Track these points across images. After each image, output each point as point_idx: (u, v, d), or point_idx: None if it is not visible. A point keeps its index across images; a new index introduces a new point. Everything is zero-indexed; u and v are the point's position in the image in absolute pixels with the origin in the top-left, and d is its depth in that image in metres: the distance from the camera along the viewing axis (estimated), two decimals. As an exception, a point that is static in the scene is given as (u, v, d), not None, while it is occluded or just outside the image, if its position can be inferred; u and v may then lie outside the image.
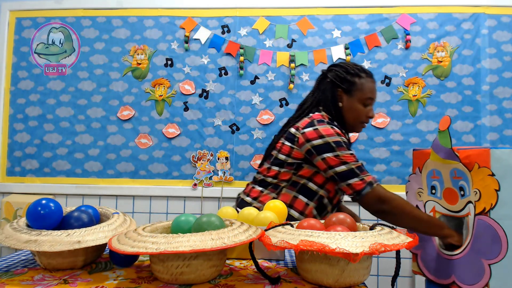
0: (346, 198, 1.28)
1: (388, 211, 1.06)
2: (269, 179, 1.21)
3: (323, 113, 1.22)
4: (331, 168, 1.10)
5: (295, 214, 1.17)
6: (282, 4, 2.12)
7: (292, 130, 1.19)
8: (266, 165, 1.25)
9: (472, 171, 0.97)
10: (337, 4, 2.11)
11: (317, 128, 1.13)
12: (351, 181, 1.08)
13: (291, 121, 1.27)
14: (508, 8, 2.04)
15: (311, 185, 1.18)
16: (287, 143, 1.19)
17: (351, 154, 1.11)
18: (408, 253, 1.79)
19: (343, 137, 1.13)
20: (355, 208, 1.87)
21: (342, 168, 1.08)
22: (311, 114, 1.21)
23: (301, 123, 1.19)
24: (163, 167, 2.11)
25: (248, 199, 1.23)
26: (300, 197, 1.17)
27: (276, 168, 1.20)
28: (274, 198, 1.18)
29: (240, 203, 1.25)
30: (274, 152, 1.23)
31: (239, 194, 1.32)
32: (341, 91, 1.23)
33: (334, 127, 1.15)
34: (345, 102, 1.23)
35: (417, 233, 1.05)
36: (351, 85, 1.22)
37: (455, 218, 1.06)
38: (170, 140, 2.12)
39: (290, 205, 1.17)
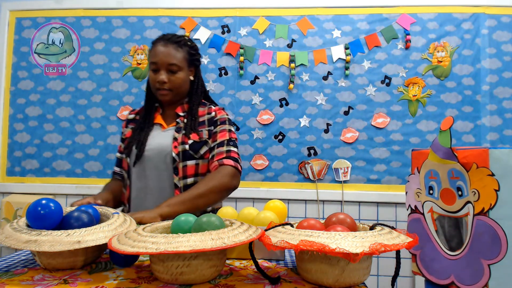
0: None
1: None
2: None
3: None
4: None
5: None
6: (282, 4, 2.12)
7: None
8: None
9: (470, 171, 0.97)
10: (337, 4, 2.11)
11: None
12: None
13: None
14: (508, 8, 2.04)
15: None
16: None
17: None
18: (408, 253, 1.79)
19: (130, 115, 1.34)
20: (354, 208, 1.86)
21: None
22: None
23: None
24: (163, 167, 2.11)
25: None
26: None
27: None
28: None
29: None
30: None
31: None
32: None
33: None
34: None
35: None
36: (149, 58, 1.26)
37: (452, 218, 1.06)
38: (170, 140, 2.11)
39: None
